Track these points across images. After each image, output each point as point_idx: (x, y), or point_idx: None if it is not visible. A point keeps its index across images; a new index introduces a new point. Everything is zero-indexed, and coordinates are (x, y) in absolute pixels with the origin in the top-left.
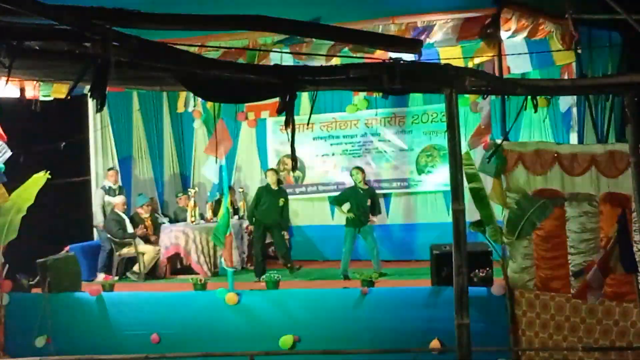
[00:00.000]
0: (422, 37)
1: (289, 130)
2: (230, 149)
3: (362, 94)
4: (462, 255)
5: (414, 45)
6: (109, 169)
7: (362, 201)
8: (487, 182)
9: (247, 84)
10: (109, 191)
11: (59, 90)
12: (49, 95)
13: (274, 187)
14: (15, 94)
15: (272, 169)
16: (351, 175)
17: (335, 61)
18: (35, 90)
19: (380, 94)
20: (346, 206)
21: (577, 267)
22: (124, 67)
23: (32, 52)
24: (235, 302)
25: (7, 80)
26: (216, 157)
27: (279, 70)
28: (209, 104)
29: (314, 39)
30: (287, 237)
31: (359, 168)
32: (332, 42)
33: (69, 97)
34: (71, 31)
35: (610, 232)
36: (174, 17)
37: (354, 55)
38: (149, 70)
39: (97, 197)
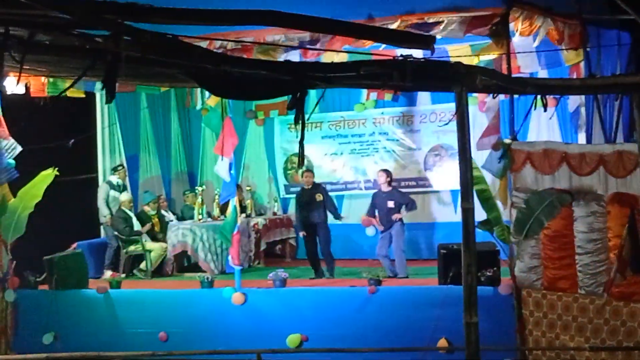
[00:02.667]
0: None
1: (299, 128)
2: (238, 147)
3: (372, 97)
4: (471, 253)
5: (427, 41)
6: (119, 167)
7: (382, 204)
8: (494, 183)
9: (258, 80)
10: (114, 186)
11: (74, 89)
12: (56, 90)
13: (308, 186)
14: (21, 90)
15: (306, 170)
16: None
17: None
18: (44, 87)
19: (391, 97)
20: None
21: (585, 267)
22: (135, 62)
23: (42, 47)
24: (241, 302)
25: (20, 76)
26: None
27: (289, 67)
28: (212, 102)
29: None
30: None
31: (383, 170)
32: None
33: (64, 95)
34: (83, 25)
35: (620, 232)
36: (186, 12)
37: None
38: (160, 66)
39: (102, 191)
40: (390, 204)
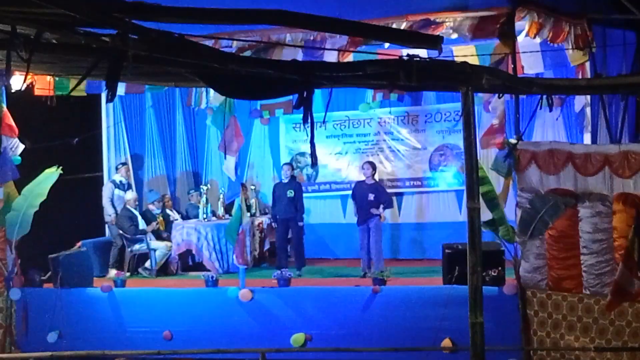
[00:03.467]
0: (430, 31)
1: (307, 127)
2: (243, 146)
3: (378, 98)
4: (476, 253)
5: (434, 41)
6: (122, 164)
7: (363, 195)
8: (499, 183)
9: (264, 79)
10: (118, 185)
11: (77, 88)
12: (66, 91)
13: (285, 180)
14: (23, 88)
15: (286, 163)
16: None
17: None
18: (49, 85)
19: (396, 97)
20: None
21: (590, 268)
22: (142, 61)
23: (49, 46)
24: (249, 298)
25: (27, 74)
26: (229, 154)
27: (296, 66)
28: (217, 101)
29: None
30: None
31: (369, 162)
32: None
33: (71, 93)
34: (90, 24)
35: (626, 233)
36: (193, 11)
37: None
38: (167, 65)
39: (107, 190)
40: (371, 196)
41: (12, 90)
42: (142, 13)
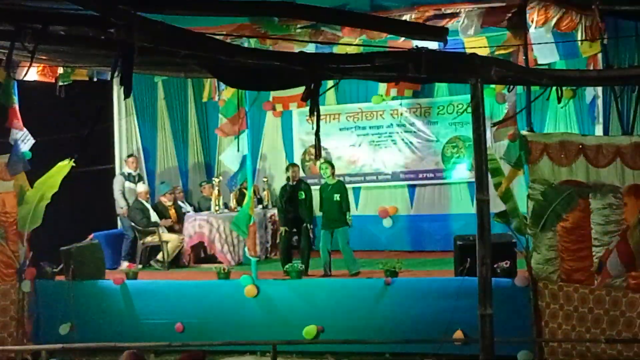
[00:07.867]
0: (443, 23)
1: (314, 119)
2: (255, 138)
3: (392, 93)
4: (486, 245)
5: (440, 33)
6: (129, 156)
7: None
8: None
9: (272, 71)
10: (128, 177)
11: (81, 73)
12: (68, 79)
13: (292, 182)
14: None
15: (291, 164)
16: (320, 169)
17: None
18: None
19: (411, 93)
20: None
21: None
22: (149, 52)
23: (56, 37)
24: (254, 294)
25: (30, 64)
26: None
27: (304, 58)
28: (229, 93)
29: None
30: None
31: (328, 162)
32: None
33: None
34: (96, 16)
35: (632, 221)
36: (199, 3)
37: (379, 45)
38: (174, 57)
39: (117, 183)
40: (337, 196)
41: (25, 83)
42: (148, 5)
